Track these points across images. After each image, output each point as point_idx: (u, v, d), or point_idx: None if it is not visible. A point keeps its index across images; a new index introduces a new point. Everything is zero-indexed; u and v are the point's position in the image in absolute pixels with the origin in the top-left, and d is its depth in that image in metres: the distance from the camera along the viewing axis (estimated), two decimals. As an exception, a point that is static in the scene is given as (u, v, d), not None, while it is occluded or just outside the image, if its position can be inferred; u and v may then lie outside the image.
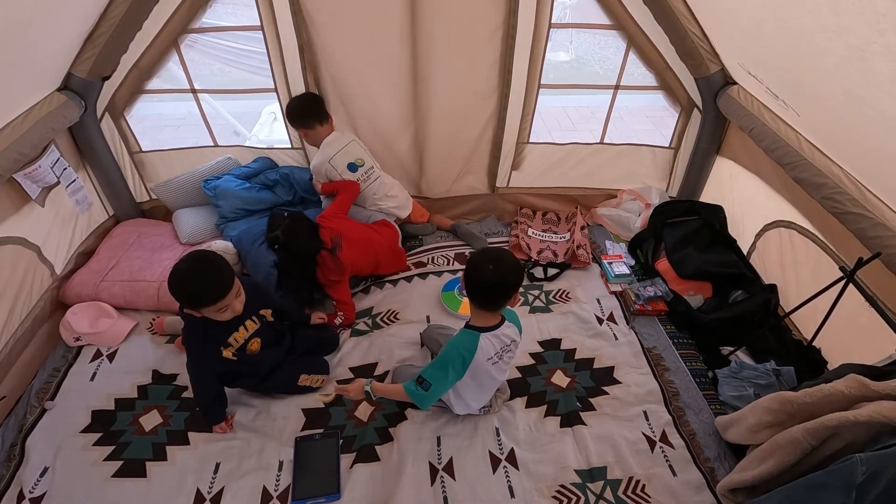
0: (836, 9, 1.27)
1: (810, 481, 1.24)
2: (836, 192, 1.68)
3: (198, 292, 1.51)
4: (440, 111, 2.46)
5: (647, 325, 2.25)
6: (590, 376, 2.02)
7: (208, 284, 1.51)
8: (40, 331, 2.10)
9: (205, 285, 1.51)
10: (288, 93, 2.41)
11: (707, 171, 2.63)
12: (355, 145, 2.43)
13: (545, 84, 2.43)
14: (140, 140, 2.51)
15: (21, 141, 1.80)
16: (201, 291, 1.51)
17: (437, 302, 2.33)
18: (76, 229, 2.35)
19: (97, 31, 1.96)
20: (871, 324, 1.60)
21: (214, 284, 1.52)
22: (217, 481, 1.66)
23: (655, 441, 1.80)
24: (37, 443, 1.74)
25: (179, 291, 1.51)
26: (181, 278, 1.50)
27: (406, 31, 2.19)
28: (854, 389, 1.36)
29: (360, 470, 1.69)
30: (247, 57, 2.61)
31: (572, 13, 3.50)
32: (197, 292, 1.51)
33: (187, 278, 1.51)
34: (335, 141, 2.38)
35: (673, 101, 2.51)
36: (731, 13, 1.88)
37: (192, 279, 1.51)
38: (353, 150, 2.41)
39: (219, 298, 1.52)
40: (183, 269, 1.51)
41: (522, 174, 2.77)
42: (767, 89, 1.94)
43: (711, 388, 1.98)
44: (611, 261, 2.51)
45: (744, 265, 2.33)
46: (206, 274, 1.52)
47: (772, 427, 1.52)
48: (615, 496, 1.64)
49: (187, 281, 1.51)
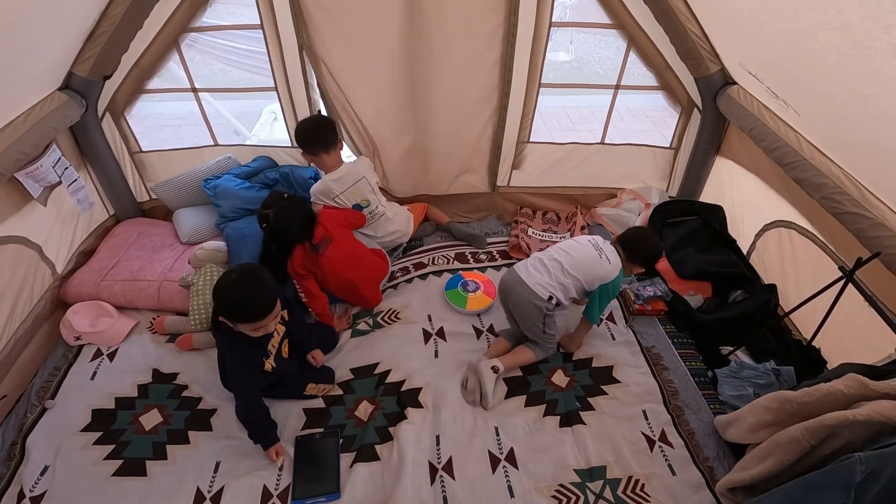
0: (840, 5, 1.27)
1: (809, 480, 1.24)
2: (836, 192, 1.68)
3: (247, 307, 1.50)
4: (441, 110, 2.46)
5: (647, 325, 2.25)
6: (588, 375, 2.02)
7: (258, 301, 1.50)
8: (41, 330, 2.10)
9: (254, 301, 1.50)
10: (288, 92, 2.41)
11: (707, 171, 2.63)
12: (363, 184, 2.30)
13: (545, 84, 2.43)
14: (140, 140, 2.52)
15: (22, 140, 1.80)
16: (251, 307, 1.50)
17: (438, 301, 2.34)
18: (77, 229, 2.35)
19: (98, 30, 1.96)
20: (871, 324, 1.60)
21: (263, 302, 1.51)
22: (217, 480, 1.67)
23: (655, 440, 1.80)
24: (37, 441, 1.75)
25: (228, 303, 1.50)
26: (233, 290, 1.49)
27: (406, 30, 2.19)
28: (853, 389, 1.36)
29: (360, 469, 1.69)
30: (247, 56, 2.61)
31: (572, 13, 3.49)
32: (247, 307, 1.50)
33: (240, 292, 1.49)
34: (343, 178, 2.25)
35: (673, 101, 2.51)
36: (732, 12, 1.88)
37: (245, 293, 1.49)
38: (360, 190, 2.30)
39: (263, 317, 1.51)
40: (235, 281, 1.50)
41: (523, 173, 2.77)
42: (768, 89, 1.94)
43: (710, 388, 1.98)
44: None
45: (743, 265, 2.33)
46: (259, 291, 1.51)
47: (771, 426, 1.53)
48: (614, 495, 1.64)
49: (240, 294, 1.49)
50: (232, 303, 1.50)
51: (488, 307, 2.29)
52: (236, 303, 1.50)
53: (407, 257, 2.60)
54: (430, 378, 1.98)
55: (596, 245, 1.97)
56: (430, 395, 1.92)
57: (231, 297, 1.49)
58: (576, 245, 2.00)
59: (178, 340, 2.09)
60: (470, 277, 2.41)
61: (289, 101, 2.45)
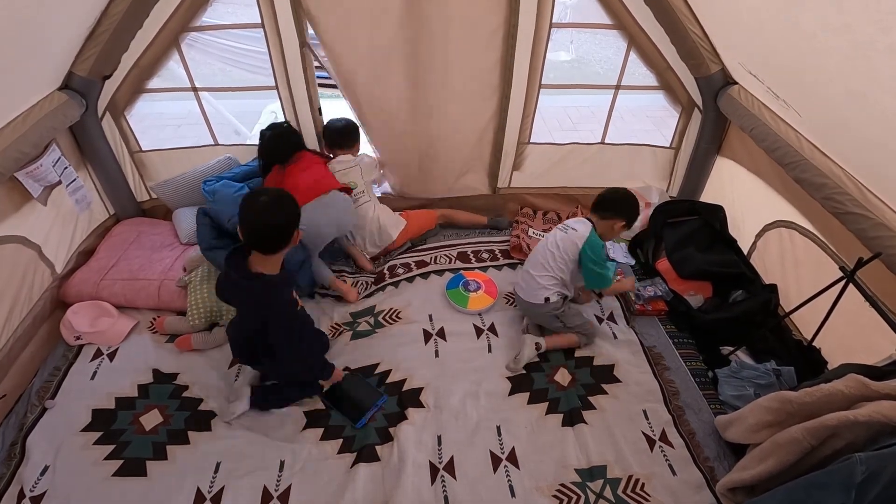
0: (841, 7, 1.27)
1: (810, 481, 1.24)
2: (837, 193, 1.68)
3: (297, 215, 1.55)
4: (441, 111, 2.46)
5: (648, 325, 2.25)
6: (590, 374, 2.03)
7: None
8: (41, 330, 2.10)
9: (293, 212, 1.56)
10: (289, 90, 2.41)
11: (707, 171, 2.63)
12: (356, 170, 2.47)
13: (546, 84, 2.43)
14: (140, 139, 2.51)
15: (22, 140, 1.80)
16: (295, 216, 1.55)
17: (439, 300, 2.34)
18: (77, 228, 2.35)
19: (98, 30, 1.96)
20: (871, 324, 1.60)
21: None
22: (217, 481, 1.67)
23: (655, 440, 1.80)
24: (37, 441, 1.74)
25: (292, 215, 1.53)
26: (293, 203, 1.54)
27: (407, 31, 2.19)
28: (854, 389, 1.36)
29: (360, 470, 1.69)
30: (247, 56, 2.61)
31: (573, 13, 3.50)
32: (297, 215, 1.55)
33: (286, 203, 1.53)
34: (342, 161, 2.45)
35: (674, 100, 2.51)
36: (733, 12, 1.88)
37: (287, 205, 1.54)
38: (349, 174, 2.44)
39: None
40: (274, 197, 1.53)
41: (523, 174, 2.77)
42: (769, 89, 1.94)
43: (711, 388, 1.98)
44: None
45: (744, 265, 2.33)
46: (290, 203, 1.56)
47: (771, 427, 1.53)
48: (615, 495, 1.64)
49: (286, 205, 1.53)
50: (295, 212, 1.54)
51: (489, 307, 2.29)
52: (295, 211, 1.55)
53: (409, 255, 2.59)
54: (431, 378, 1.98)
55: (563, 227, 2.06)
56: (431, 394, 1.92)
57: (295, 208, 1.55)
58: (545, 239, 2.10)
59: (178, 341, 2.09)
60: (471, 277, 2.41)
61: (289, 100, 2.45)
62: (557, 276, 2.01)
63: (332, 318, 2.28)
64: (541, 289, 2.02)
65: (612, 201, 2.02)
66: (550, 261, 2.01)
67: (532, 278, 2.05)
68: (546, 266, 2.02)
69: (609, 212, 2.01)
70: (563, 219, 2.85)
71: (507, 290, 2.40)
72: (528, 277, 2.08)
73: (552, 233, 2.09)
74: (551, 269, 2.01)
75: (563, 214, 2.88)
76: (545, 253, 2.05)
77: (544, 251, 2.06)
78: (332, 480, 1.68)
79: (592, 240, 1.97)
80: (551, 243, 2.05)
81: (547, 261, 2.02)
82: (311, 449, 1.76)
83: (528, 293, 2.07)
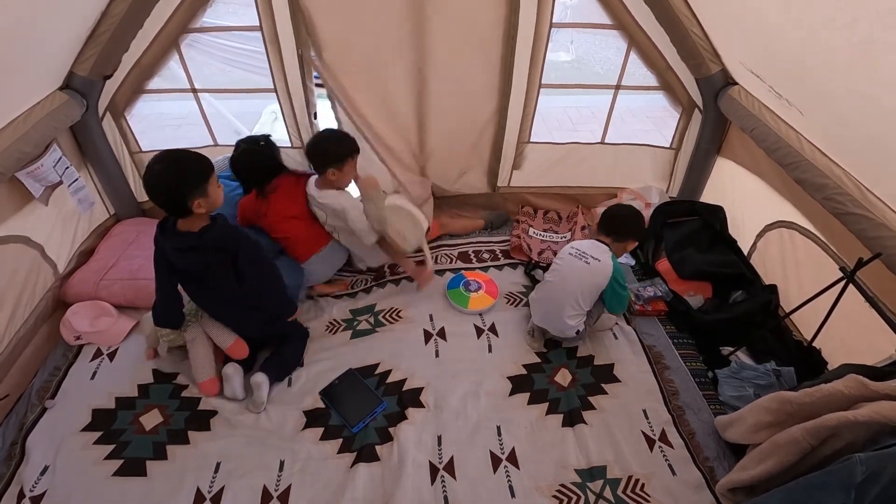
0: (842, 5, 1.27)
1: (809, 481, 1.24)
2: (838, 193, 1.68)
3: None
4: (441, 110, 2.46)
5: (648, 325, 2.25)
6: (590, 373, 2.03)
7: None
8: (41, 329, 2.10)
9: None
10: (287, 93, 2.41)
11: (707, 171, 2.63)
12: (324, 213, 2.25)
13: (546, 84, 2.43)
14: (140, 140, 2.52)
15: (23, 140, 1.80)
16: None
17: (440, 300, 2.34)
18: (78, 228, 2.35)
19: (99, 30, 1.96)
20: (872, 324, 1.60)
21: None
22: (217, 481, 1.67)
23: (655, 440, 1.80)
24: (37, 441, 1.75)
25: (188, 174, 1.58)
26: (192, 165, 1.60)
27: (407, 30, 2.19)
28: (854, 389, 1.36)
29: (360, 470, 1.69)
30: (247, 57, 2.60)
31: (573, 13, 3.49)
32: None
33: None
34: (320, 195, 2.21)
35: (674, 101, 2.51)
36: (733, 12, 1.88)
37: None
38: (318, 212, 2.27)
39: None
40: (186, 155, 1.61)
41: (523, 174, 2.77)
42: (770, 88, 1.94)
43: (711, 388, 1.98)
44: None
45: (744, 266, 2.33)
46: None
47: (771, 427, 1.52)
48: (615, 495, 1.64)
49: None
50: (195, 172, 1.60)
51: (490, 307, 2.29)
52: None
53: (410, 255, 2.59)
54: (431, 378, 1.99)
55: (577, 253, 1.99)
56: (431, 394, 1.93)
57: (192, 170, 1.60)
58: (560, 269, 2.02)
59: (203, 386, 1.92)
60: (472, 277, 2.41)
61: (288, 103, 2.46)
62: (584, 311, 2.00)
63: (330, 314, 2.28)
64: (569, 328, 2.00)
65: (625, 222, 2.02)
66: (580, 300, 1.96)
67: (560, 319, 1.98)
68: (574, 306, 1.97)
69: (625, 234, 2.02)
70: (563, 218, 2.86)
71: (508, 290, 2.40)
72: (552, 312, 2.01)
73: (568, 261, 1.98)
74: (579, 307, 1.98)
75: (562, 214, 2.88)
76: (570, 291, 1.96)
77: (567, 288, 1.96)
78: (332, 480, 1.68)
79: (617, 267, 1.96)
80: (573, 282, 1.96)
81: (577, 300, 1.95)
82: (311, 449, 1.76)
83: (555, 328, 2.03)
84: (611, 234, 2.02)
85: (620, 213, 2.06)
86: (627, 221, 2.03)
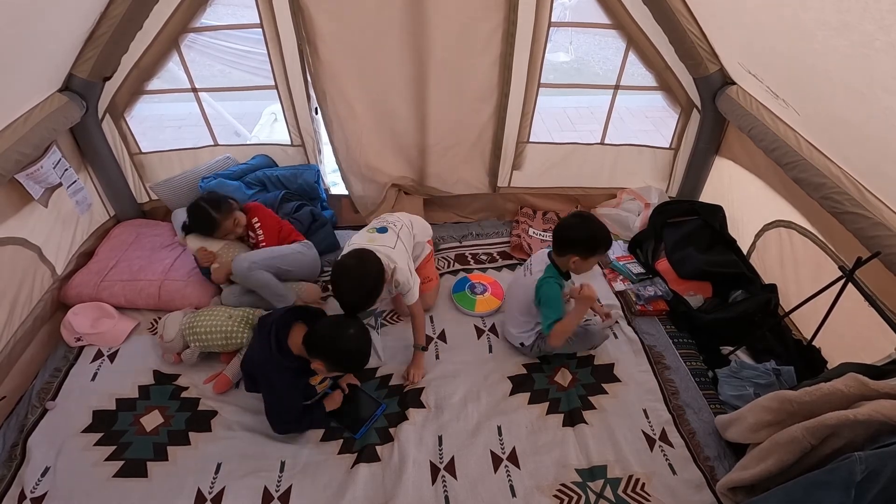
0: (840, 6, 1.28)
1: (809, 480, 1.24)
2: (836, 192, 1.68)
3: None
4: (440, 110, 2.46)
5: (649, 325, 2.25)
6: (591, 373, 2.03)
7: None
8: (41, 331, 2.10)
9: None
10: (288, 90, 2.41)
11: (706, 171, 2.63)
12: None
13: (545, 84, 2.44)
14: (140, 141, 2.52)
15: (22, 142, 1.80)
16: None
17: (440, 302, 2.34)
18: (77, 230, 2.35)
19: (98, 31, 1.96)
20: (871, 323, 1.61)
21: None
22: (218, 481, 1.67)
23: (655, 440, 1.80)
24: (38, 443, 1.75)
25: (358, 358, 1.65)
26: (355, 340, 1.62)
27: (406, 30, 2.19)
28: (853, 388, 1.36)
29: (361, 470, 1.69)
30: (246, 57, 2.61)
31: (572, 13, 3.50)
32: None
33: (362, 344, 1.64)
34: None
35: (673, 101, 2.51)
36: (731, 12, 1.88)
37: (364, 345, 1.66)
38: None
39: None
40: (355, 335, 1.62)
41: (523, 174, 2.78)
42: (767, 88, 1.95)
43: (711, 388, 1.98)
44: (625, 262, 2.52)
45: (743, 265, 2.33)
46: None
47: (771, 426, 1.53)
48: (615, 495, 1.64)
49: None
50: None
51: (497, 308, 2.29)
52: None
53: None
54: (432, 378, 1.99)
55: (526, 264, 2.01)
56: (431, 394, 1.93)
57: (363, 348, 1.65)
58: (513, 279, 2.05)
59: (216, 384, 1.94)
60: (477, 279, 2.42)
61: (289, 100, 2.46)
62: (529, 323, 1.98)
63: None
64: (515, 339, 2.04)
65: (565, 231, 1.80)
66: (518, 313, 1.98)
67: (506, 330, 2.07)
68: (517, 318, 2.00)
69: (565, 246, 1.80)
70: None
71: (508, 290, 2.41)
72: (504, 322, 2.10)
73: (517, 272, 2.03)
74: (521, 319, 1.99)
75: (562, 214, 2.88)
76: (511, 303, 2.03)
77: (510, 300, 2.05)
78: (333, 480, 1.68)
79: (541, 284, 1.82)
80: (514, 293, 2.00)
81: (519, 312, 1.98)
82: (312, 449, 1.76)
83: (509, 337, 2.09)
84: (553, 248, 1.86)
85: (562, 223, 1.85)
86: (569, 231, 1.79)
